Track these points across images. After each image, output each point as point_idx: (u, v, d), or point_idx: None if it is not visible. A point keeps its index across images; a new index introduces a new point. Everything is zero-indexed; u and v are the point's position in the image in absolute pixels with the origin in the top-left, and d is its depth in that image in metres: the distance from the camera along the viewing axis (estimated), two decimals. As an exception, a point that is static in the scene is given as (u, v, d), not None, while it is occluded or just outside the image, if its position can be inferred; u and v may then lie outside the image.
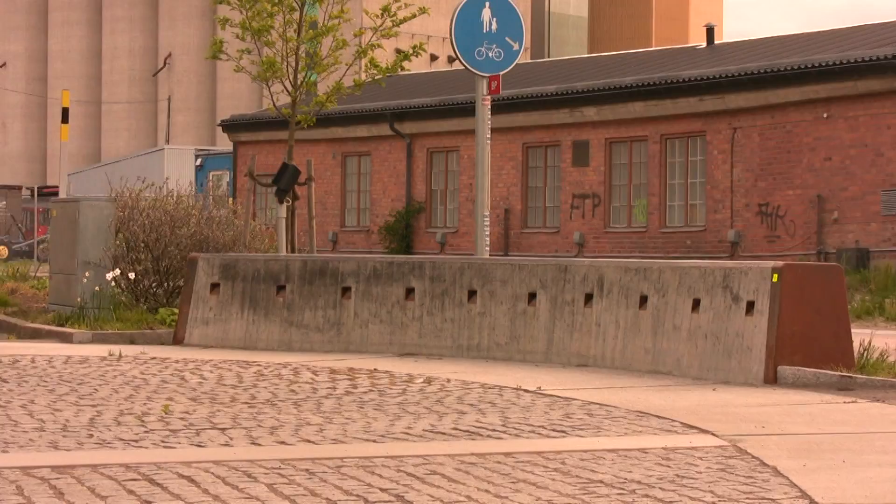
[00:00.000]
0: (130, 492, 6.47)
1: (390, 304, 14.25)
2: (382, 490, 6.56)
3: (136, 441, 8.06)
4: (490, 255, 18.02)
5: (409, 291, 14.18)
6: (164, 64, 77.42)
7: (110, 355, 13.29)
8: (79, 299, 16.69)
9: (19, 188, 68.67)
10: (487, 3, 17.68)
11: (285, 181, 19.71)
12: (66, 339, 15.38)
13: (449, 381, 11.34)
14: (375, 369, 12.22)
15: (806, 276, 11.68)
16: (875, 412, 9.47)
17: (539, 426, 8.81)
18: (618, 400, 10.12)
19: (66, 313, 16.59)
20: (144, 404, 9.67)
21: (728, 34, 69.39)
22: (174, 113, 75.67)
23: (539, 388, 10.75)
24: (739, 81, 35.94)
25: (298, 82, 20.16)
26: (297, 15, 19.92)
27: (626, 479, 6.91)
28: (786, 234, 35.04)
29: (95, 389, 10.53)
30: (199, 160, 52.54)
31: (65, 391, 10.40)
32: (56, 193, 46.35)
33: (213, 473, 6.95)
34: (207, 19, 68.38)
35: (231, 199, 20.12)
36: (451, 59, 53.60)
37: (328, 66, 20.38)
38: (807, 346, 11.22)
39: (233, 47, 20.36)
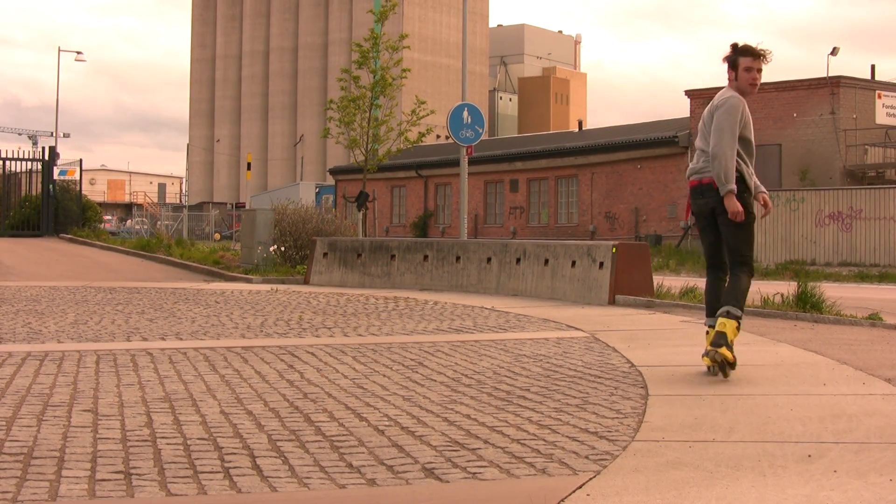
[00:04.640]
0: (281, 360, 6.44)
1: (416, 263, 14.20)
2: (411, 360, 6.53)
3: (284, 334, 8.03)
4: (467, 239, 17.98)
5: (426, 257, 14.12)
6: (300, 139, 77.31)
7: (272, 289, 13.27)
8: (255, 261, 16.64)
9: (225, 204, 68.86)
10: (466, 108, 17.63)
11: (361, 200, 19.68)
12: (248, 281, 15.34)
13: (446, 303, 11.31)
14: (408, 297, 12.19)
15: (629, 249, 11.63)
16: (665, 319, 9.43)
17: (493, 326, 8.77)
18: (533, 313, 10.08)
19: (249, 268, 16.54)
20: (289, 315, 9.64)
21: (590, 124, 69.19)
22: (305, 165, 75.59)
23: (492, 307, 10.71)
24: (595, 149, 35.93)
25: (368, 149, 20.14)
26: (367, 114, 19.94)
27: (537, 353, 6.88)
28: (619, 227, 35.06)
29: (264, 307, 10.50)
30: (317, 189, 52.43)
31: (248, 308, 10.37)
32: (244, 206, 46.17)
33: (323, 350, 6.92)
34: (322, 116, 68.15)
35: (334, 209, 20.11)
36: (447, 137, 53.47)
37: (383, 140, 20.38)
38: (630, 284, 11.18)
39: (335, 131, 20.35)
